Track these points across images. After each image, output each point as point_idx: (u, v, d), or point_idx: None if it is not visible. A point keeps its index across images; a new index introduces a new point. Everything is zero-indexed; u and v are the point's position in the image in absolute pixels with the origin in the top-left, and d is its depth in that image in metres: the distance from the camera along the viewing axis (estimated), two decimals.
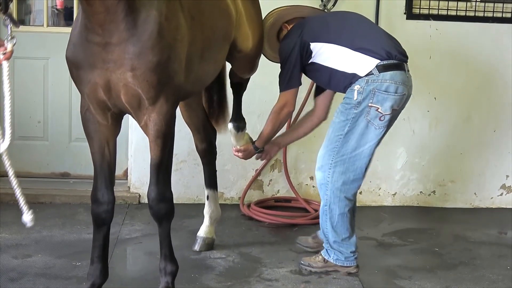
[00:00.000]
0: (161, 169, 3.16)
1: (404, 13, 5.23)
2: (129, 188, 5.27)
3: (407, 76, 3.76)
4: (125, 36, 2.90)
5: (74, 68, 3.05)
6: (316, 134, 4.31)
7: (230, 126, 4.10)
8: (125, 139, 5.14)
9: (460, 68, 5.33)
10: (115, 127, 3.22)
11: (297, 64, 3.84)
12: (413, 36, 5.14)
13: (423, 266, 4.10)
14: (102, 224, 3.24)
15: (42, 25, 5.39)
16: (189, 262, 3.98)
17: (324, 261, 3.89)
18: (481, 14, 5.30)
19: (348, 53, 3.73)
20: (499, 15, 5.32)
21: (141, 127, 3.14)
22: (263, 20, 4.11)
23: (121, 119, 3.26)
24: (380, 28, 4.14)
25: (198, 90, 3.86)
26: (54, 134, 5.47)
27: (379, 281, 3.87)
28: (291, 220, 4.86)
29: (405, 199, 5.43)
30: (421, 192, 5.44)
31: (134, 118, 3.15)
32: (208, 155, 4.34)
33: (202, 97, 4.29)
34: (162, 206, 3.20)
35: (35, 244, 4.20)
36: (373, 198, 5.39)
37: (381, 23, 5.01)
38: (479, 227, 4.94)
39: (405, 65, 3.77)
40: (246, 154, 4.11)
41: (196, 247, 4.20)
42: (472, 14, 5.30)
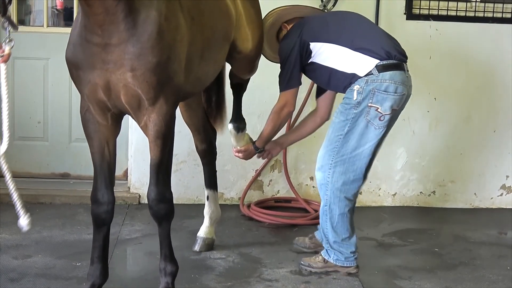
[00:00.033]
0: (161, 170, 3.16)
1: (404, 13, 5.23)
2: (129, 189, 5.27)
3: (407, 76, 3.76)
4: (125, 37, 2.90)
5: (74, 69, 3.05)
6: (316, 135, 4.31)
7: (230, 127, 4.09)
8: (125, 140, 5.14)
9: (460, 69, 5.33)
10: (115, 128, 3.22)
11: (297, 64, 3.84)
12: (413, 37, 5.14)
13: (423, 267, 4.10)
14: (102, 225, 3.24)
15: (42, 26, 5.39)
16: (189, 263, 3.98)
17: (324, 262, 3.89)
18: (481, 15, 5.30)
19: (348, 53, 3.73)
20: (499, 16, 5.32)
21: (141, 128, 3.13)
22: (263, 20, 4.10)
23: (121, 120, 3.26)
24: (380, 28, 4.14)
25: (198, 91, 3.85)
26: (54, 135, 5.47)
27: (379, 282, 3.87)
28: (291, 221, 4.86)
29: (405, 200, 5.43)
30: (421, 193, 5.44)
31: (134, 119, 3.15)
32: (208, 156, 4.33)
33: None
34: (162, 207, 3.19)
35: (35, 245, 4.20)
36: (373, 199, 5.39)
37: (381, 24, 5.01)
38: (479, 228, 4.94)
39: (405, 65, 3.77)
40: (247, 155, 4.11)
41: (196, 248, 4.20)
42: (472, 15, 5.30)
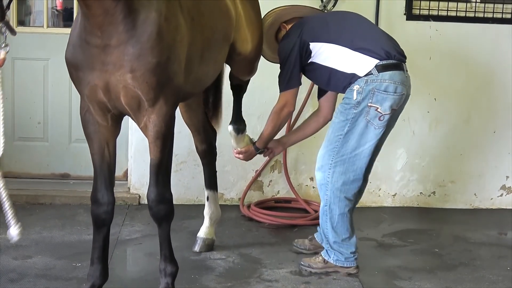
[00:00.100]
0: (161, 170, 3.15)
1: (404, 14, 5.23)
2: (129, 189, 5.27)
3: (406, 76, 3.76)
4: (124, 38, 2.90)
5: (74, 70, 3.05)
6: (316, 135, 4.31)
7: (230, 129, 4.08)
8: (125, 140, 5.14)
9: (460, 69, 5.33)
10: (115, 128, 3.22)
11: (297, 64, 3.84)
12: (413, 37, 5.15)
13: (423, 267, 4.10)
14: (102, 225, 3.24)
15: (42, 26, 5.39)
16: (189, 263, 3.98)
17: (324, 262, 3.89)
18: (481, 15, 5.30)
19: (348, 53, 3.73)
20: (499, 16, 5.31)
21: (141, 129, 3.13)
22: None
23: (121, 120, 3.25)
24: (379, 28, 4.14)
25: (198, 91, 3.84)
26: (54, 135, 5.47)
27: (379, 282, 3.87)
28: (291, 221, 4.86)
29: (405, 200, 5.43)
30: (421, 193, 5.44)
31: (134, 120, 3.15)
32: (208, 156, 4.33)
33: None
34: (162, 207, 3.19)
35: (35, 245, 4.20)
36: (373, 199, 5.39)
37: (381, 24, 5.01)
38: (479, 228, 4.94)
39: (404, 65, 3.78)
40: (247, 156, 4.10)
41: (196, 248, 4.20)
42: (472, 15, 5.30)
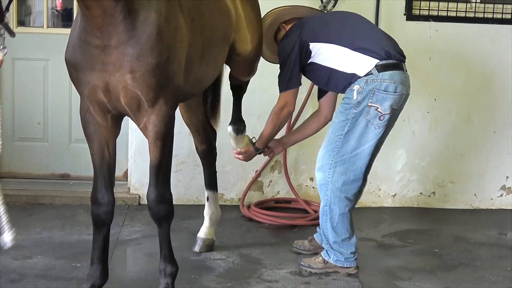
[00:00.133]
0: (161, 171, 3.15)
1: (404, 14, 5.23)
2: (129, 189, 5.27)
3: (406, 76, 3.77)
4: (124, 38, 2.90)
5: (73, 70, 3.05)
6: (316, 135, 4.30)
7: (230, 129, 4.08)
8: (125, 140, 5.14)
9: (460, 69, 5.33)
10: (115, 129, 3.21)
11: (297, 64, 3.84)
12: (413, 37, 5.14)
13: (423, 267, 4.10)
14: (102, 225, 3.24)
15: (42, 26, 5.39)
16: (189, 263, 3.98)
17: (324, 262, 3.89)
18: (481, 15, 5.30)
19: (348, 53, 3.73)
20: (499, 16, 5.31)
21: (140, 129, 3.13)
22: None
23: (121, 121, 3.25)
24: (379, 28, 4.15)
25: (198, 92, 3.84)
26: (54, 135, 5.47)
27: (379, 282, 3.87)
28: (291, 221, 4.86)
29: (405, 200, 5.43)
30: (421, 193, 5.44)
31: (133, 121, 3.15)
32: (208, 156, 4.33)
33: None
34: (162, 208, 3.19)
35: (35, 246, 4.20)
36: (373, 199, 5.39)
37: (381, 24, 5.01)
38: (479, 228, 4.94)
39: (403, 65, 3.78)
40: (247, 156, 4.10)
41: (196, 248, 4.20)
42: (472, 15, 5.30)
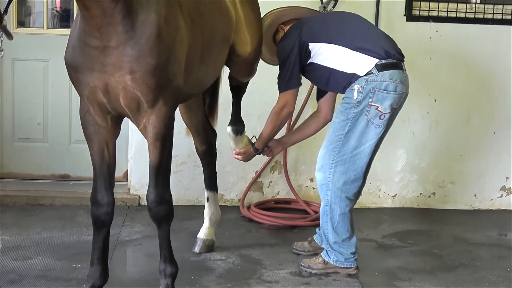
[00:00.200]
0: (160, 171, 3.15)
1: (404, 15, 5.23)
2: (129, 190, 5.27)
3: (405, 75, 3.77)
4: (123, 39, 2.90)
5: (73, 71, 3.04)
6: (316, 136, 4.30)
7: (229, 130, 4.08)
8: (125, 141, 5.14)
9: (460, 70, 5.33)
10: (115, 129, 3.21)
11: (296, 65, 3.84)
12: (413, 38, 5.14)
13: (423, 268, 4.10)
14: (102, 226, 3.24)
15: (42, 27, 5.39)
16: (189, 264, 3.98)
17: (324, 263, 3.89)
18: (481, 16, 5.30)
19: (347, 53, 3.73)
20: (499, 17, 5.31)
21: (140, 130, 3.13)
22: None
23: (121, 121, 3.25)
24: (378, 28, 4.15)
25: (198, 92, 3.84)
26: (54, 136, 5.47)
27: (379, 283, 3.87)
28: (291, 222, 4.85)
29: (405, 201, 5.43)
30: (421, 194, 5.44)
31: (133, 122, 3.14)
32: (208, 157, 4.33)
33: None
34: (162, 208, 3.19)
35: (35, 246, 4.20)
36: (373, 200, 5.39)
37: (381, 25, 5.01)
38: (479, 229, 4.94)
39: (403, 64, 3.78)
40: (246, 157, 4.11)
41: (196, 249, 4.20)
42: (472, 16, 5.30)
